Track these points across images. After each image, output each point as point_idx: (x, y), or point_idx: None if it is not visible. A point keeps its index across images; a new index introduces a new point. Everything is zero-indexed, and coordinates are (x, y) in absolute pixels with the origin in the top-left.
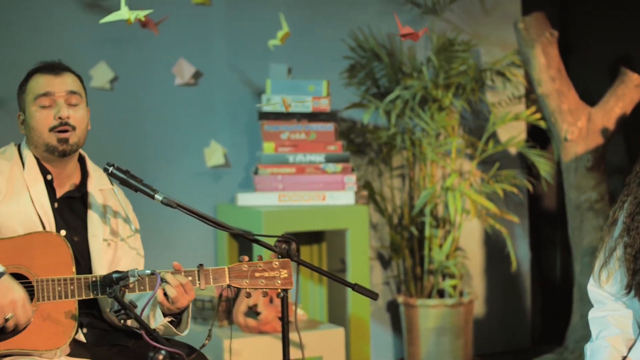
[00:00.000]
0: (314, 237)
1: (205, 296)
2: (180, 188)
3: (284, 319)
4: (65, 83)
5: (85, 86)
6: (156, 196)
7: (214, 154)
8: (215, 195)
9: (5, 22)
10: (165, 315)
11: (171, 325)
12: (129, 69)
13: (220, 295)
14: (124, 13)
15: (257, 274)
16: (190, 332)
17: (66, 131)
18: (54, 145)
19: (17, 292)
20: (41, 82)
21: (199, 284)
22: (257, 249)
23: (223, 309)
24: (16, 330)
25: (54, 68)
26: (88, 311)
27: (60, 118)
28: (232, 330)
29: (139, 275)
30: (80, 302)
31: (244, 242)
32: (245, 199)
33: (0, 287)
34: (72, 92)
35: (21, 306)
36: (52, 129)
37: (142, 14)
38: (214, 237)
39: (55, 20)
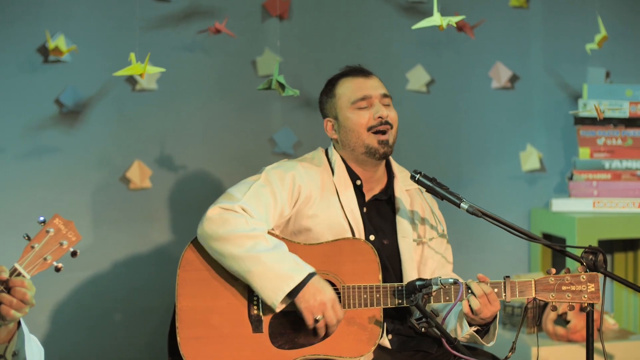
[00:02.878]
0: (629, 245)
1: (516, 302)
2: (495, 191)
3: (589, 332)
4: (377, 86)
5: (401, 89)
6: (462, 205)
7: (530, 158)
8: (529, 200)
9: (329, 26)
10: (471, 325)
11: (477, 335)
12: (445, 72)
13: (526, 308)
14: (436, 19)
15: (563, 288)
16: (499, 338)
17: (385, 132)
18: (374, 147)
19: (327, 293)
20: (355, 86)
21: (505, 295)
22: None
23: (533, 315)
24: (327, 332)
25: (363, 71)
26: (394, 317)
27: (380, 117)
28: (540, 337)
29: (441, 284)
30: (386, 309)
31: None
32: (560, 205)
33: (309, 288)
34: (385, 95)
35: (330, 307)
36: (370, 129)
37: (454, 20)
38: (527, 243)
39: (373, 24)
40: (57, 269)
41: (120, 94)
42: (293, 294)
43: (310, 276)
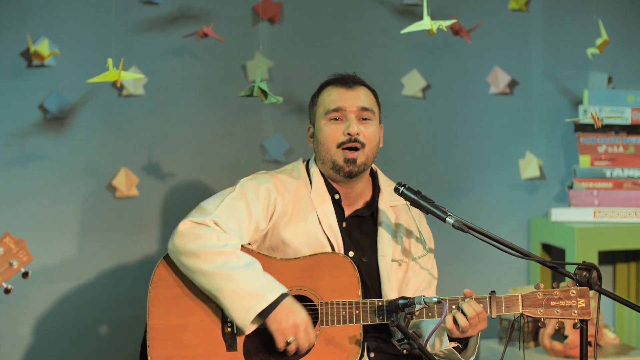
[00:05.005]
0: (631, 256)
1: (512, 315)
2: (494, 200)
3: (582, 351)
4: (357, 98)
5: (380, 102)
6: (447, 219)
7: (529, 166)
8: (529, 209)
9: (321, 30)
10: (451, 340)
11: (456, 352)
12: (442, 77)
13: (514, 323)
14: (426, 23)
15: (552, 303)
16: (495, 352)
17: (355, 149)
18: (340, 164)
19: (300, 315)
20: (333, 96)
21: (490, 312)
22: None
23: (530, 329)
24: (298, 354)
25: (348, 81)
26: (376, 335)
27: (349, 134)
28: (537, 352)
29: (425, 303)
30: (368, 326)
31: (558, 260)
32: (559, 214)
33: (282, 309)
34: (364, 109)
35: (303, 330)
36: (340, 145)
37: (444, 24)
38: None
39: (368, 28)
40: (7, 291)
41: (106, 100)
42: (264, 314)
43: (283, 296)
